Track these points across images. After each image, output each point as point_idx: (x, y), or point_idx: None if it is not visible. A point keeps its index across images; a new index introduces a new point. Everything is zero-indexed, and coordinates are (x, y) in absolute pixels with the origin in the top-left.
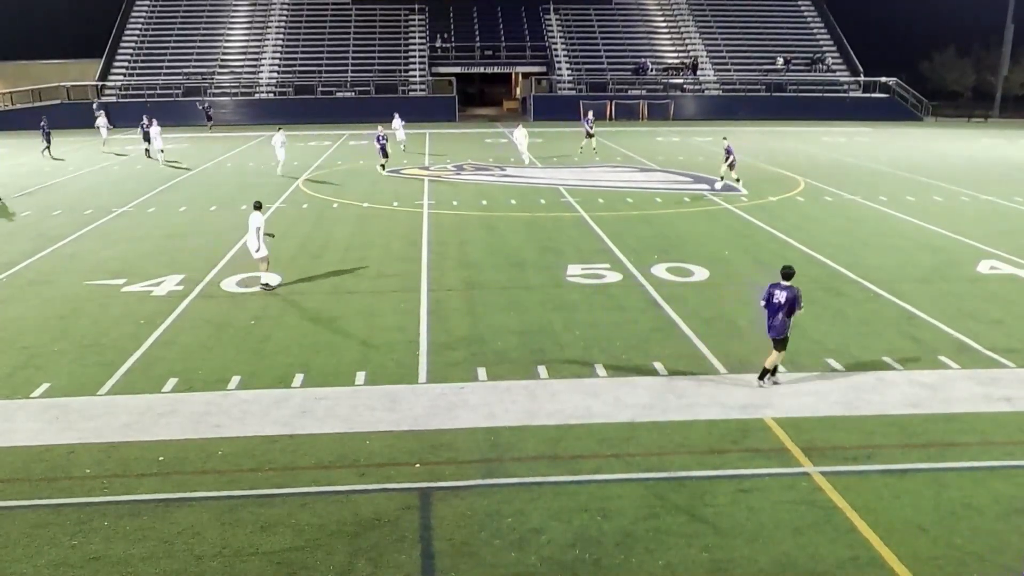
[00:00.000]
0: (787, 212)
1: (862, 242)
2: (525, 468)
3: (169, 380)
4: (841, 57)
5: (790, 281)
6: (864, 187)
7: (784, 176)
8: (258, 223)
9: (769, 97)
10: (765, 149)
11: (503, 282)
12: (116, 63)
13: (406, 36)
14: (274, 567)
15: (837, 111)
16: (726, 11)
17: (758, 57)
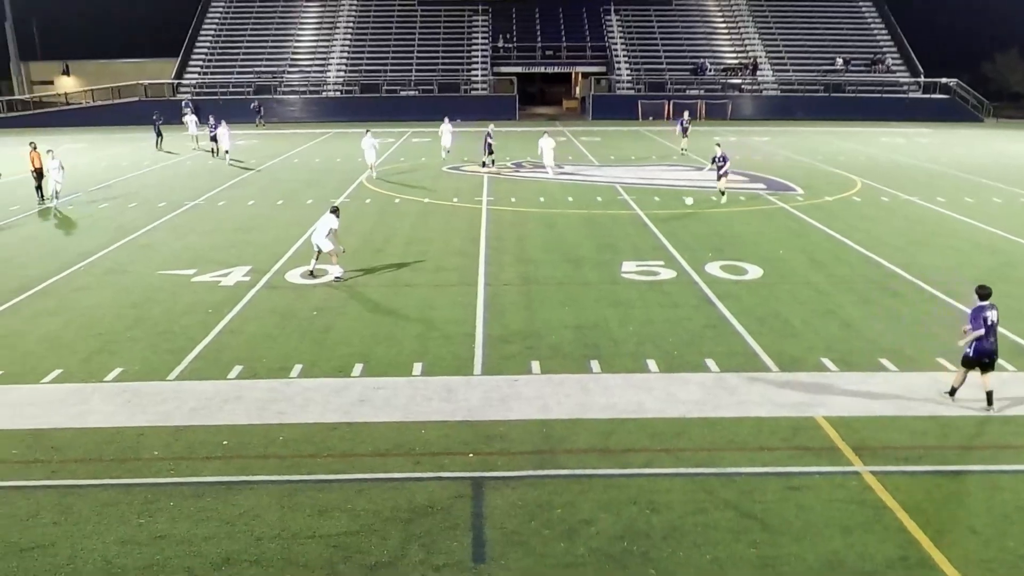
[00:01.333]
0: (843, 212)
1: (919, 243)
2: (576, 460)
3: (235, 367)
4: (901, 58)
5: None
6: (922, 188)
7: (841, 176)
8: (333, 225)
9: (827, 97)
10: (822, 149)
11: (559, 278)
12: (191, 62)
13: (469, 36)
14: (330, 550)
15: (896, 112)
16: (786, 12)
17: (817, 57)
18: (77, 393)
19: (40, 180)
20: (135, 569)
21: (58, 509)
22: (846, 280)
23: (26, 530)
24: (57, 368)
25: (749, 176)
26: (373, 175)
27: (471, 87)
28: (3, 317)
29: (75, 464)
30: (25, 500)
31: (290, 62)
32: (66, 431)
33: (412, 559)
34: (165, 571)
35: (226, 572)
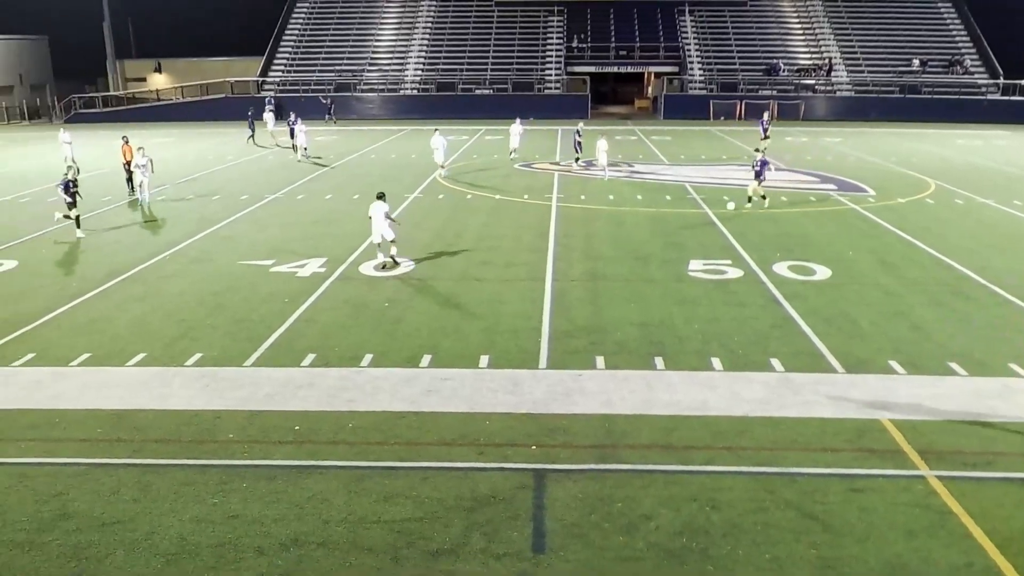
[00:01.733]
0: (916, 214)
1: (993, 246)
2: (638, 455)
3: (308, 355)
4: (980, 59)
5: None
6: (999, 191)
7: (914, 178)
8: (384, 209)
9: (903, 99)
10: (896, 151)
11: (626, 275)
12: (276, 61)
13: (544, 36)
14: (394, 535)
15: (974, 114)
16: (862, 12)
17: (893, 58)
18: (159, 376)
19: (131, 173)
20: (208, 546)
21: (138, 487)
22: (917, 282)
23: (108, 505)
24: (142, 352)
25: (820, 176)
26: (443, 173)
27: (544, 86)
28: (94, 302)
29: (155, 444)
30: (108, 477)
31: (369, 61)
32: (148, 412)
33: (473, 547)
34: (236, 550)
35: (294, 553)
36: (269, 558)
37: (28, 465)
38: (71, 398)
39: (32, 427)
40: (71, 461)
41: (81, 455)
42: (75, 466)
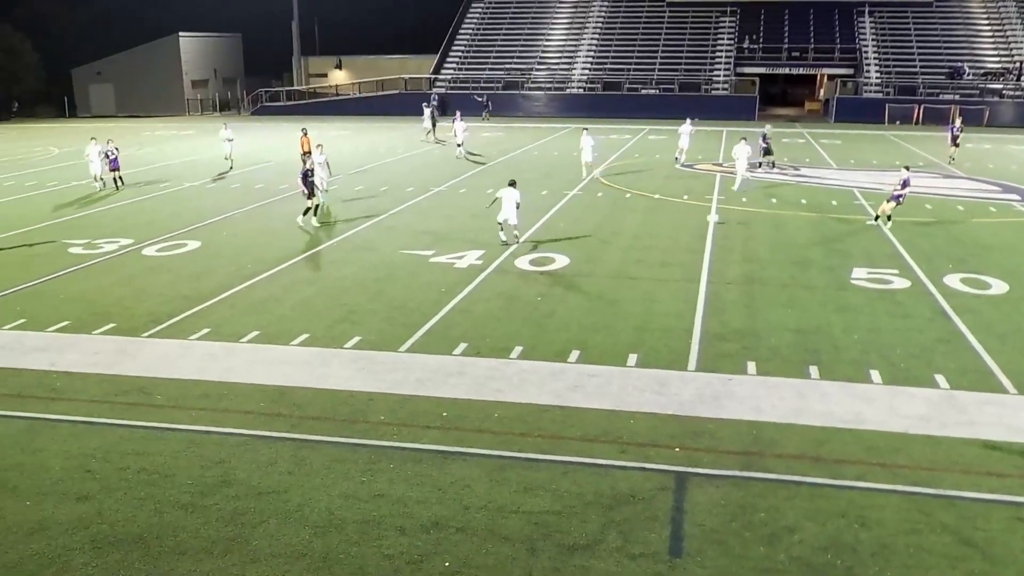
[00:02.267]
0: None
1: None
2: (784, 465)
3: (460, 344)
4: None
5: None
6: None
7: None
8: (515, 196)
9: None
10: None
11: (784, 279)
12: (448, 59)
13: (715, 37)
14: (532, 527)
15: None
16: None
17: None
18: (320, 356)
19: None
20: (353, 522)
21: (293, 460)
22: None
23: (264, 476)
24: (305, 332)
25: (1002, 186)
26: (596, 173)
27: (712, 87)
28: (265, 283)
29: (312, 421)
30: (267, 449)
31: (538, 59)
32: (307, 390)
33: (609, 545)
34: (379, 527)
35: (434, 535)
36: (410, 538)
37: (197, 432)
38: (239, 372)
39: (203, 397)
40: (235, 431)
41: (244, 426)
42: (238, 436)
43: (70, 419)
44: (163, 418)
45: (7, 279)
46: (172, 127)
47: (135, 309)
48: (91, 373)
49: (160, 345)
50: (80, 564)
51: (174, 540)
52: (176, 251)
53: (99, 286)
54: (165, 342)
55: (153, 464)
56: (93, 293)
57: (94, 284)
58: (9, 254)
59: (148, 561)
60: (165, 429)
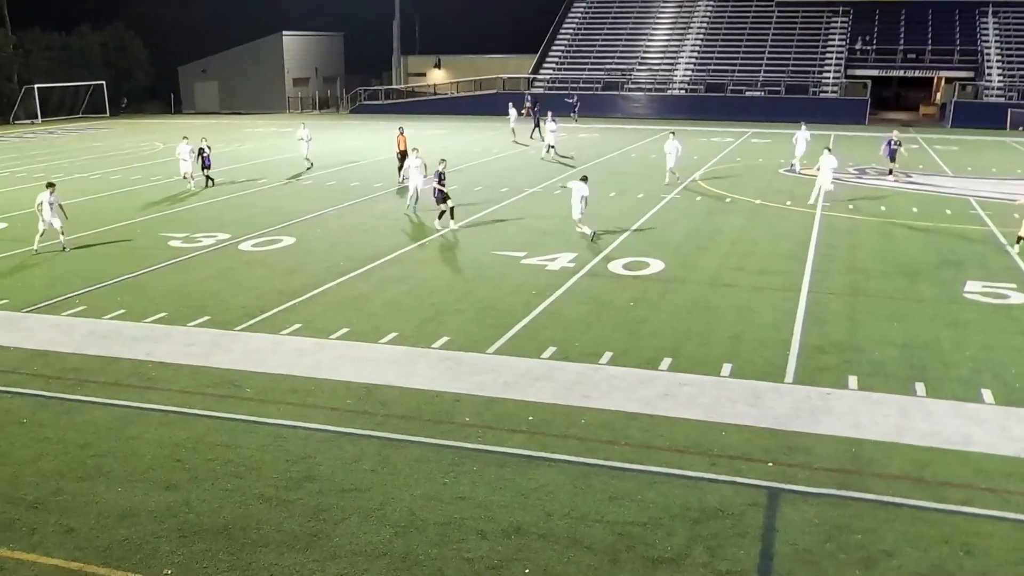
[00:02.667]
0: None
1: None
2: (885, 486)
3: (549, 348)
4: None
5: None
6: None
7: None
8: (584, 192)
9: None
10: None
11: (890, 291)
12: (548, 58)
13: (825, 38)
14: (615, 537)
15: None
16: None
17: None
18: (408, 355)
19: (403, 162)
20: (435, 524)
21: (377, 458)
22: None
23: (348, 473)
24: (394, 331)
25: None
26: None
27: (820, 89)
28: (356, 281)
29: (397, 420)
30: (352, 446)
31: (640, 60)
32: (394, 389)
33: (695, 560)
34: (460, 530)
35: (515, 541)
36: (490, 543)
37: (284, 427)
38: (327, 368)
39: (291, 392)
40: (321, 427)
41: (330, 423)
42: (324, 432)
43: (162, 408)
44: (251, 411)
45: (110, 270)
46: (272, 125)
47: (229, 302)
48: (184, 364)
49: (252, 339)
50: (166, 552)
51: (257, 533)
52: (271, 247)
53: (196, 279)
54: (257, 336)
55: (240, 456)
56: (190, 286)
57: (191, 277)
58: (113, 246)
59: (232, 552)
60: (253, 422)
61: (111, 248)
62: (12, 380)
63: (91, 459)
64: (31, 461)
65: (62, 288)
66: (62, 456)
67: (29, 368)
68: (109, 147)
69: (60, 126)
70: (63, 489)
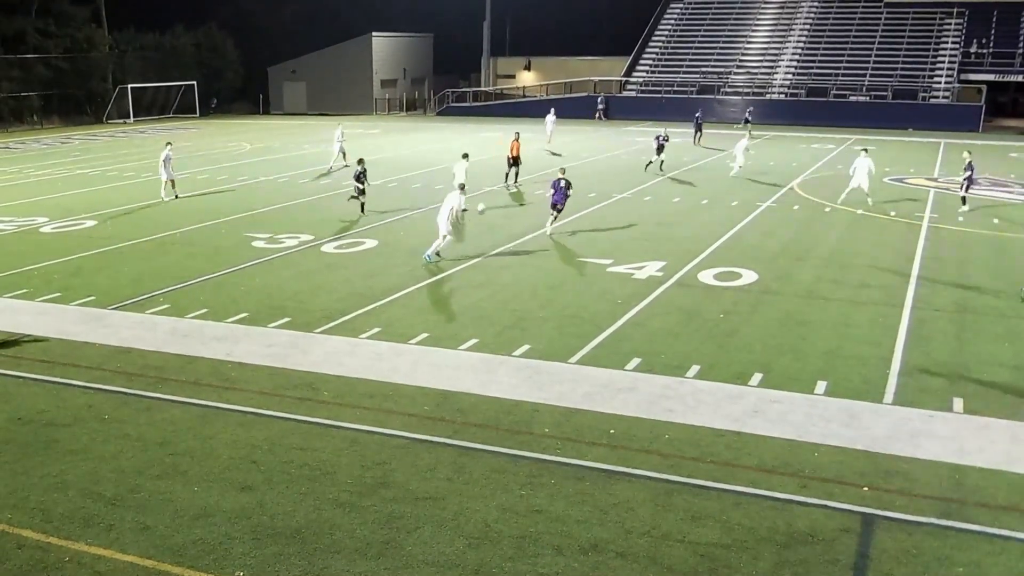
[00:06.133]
0: None
1: None
2: (990, 516)
3: (633, 359)
4: None
5: None
6: None
7: None
8: None
9: None
10: None
11: (1003, 309)
12: (642, 60)
13: (937, 40)
14: (697, 558)
15: None
16: None
17: None
18: (487, 362)
19: (511, 167)
20: (509, 537)
21: (453, 467)
22: None
23: (424, 481)
24: (474, 337)
25: None
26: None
27: (931, 94)
28: (437, 285)
29: (474, 428)
30: (427, 453)
31: (738, 63)
32: (471, 396)
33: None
34: (536, 545)
35: (592, 558)
36: (567, 559)
37: (360, 431)
38: (405, 374)
39: (368, 396)
40: (397, 433)
41: (406, 429)
42: (400, 438)
43: (240, 409)
44: (328, 415)
45: (195, 269)
46: (359, 126)
47: (309, 304)
48: (263, 365)
49: (331, 341)
50: (239, 554)
51: (330, 538)
52: (353, 248)
53: (278, 280)
54: (335, 339)
55: (315, 460)
56: (271, 287)
57: (273, 278)
58: (198, 246)
59: (304, 556)
60: (329, 426)
61: (197, 248)
62: (95, 376)
63: (169, 457)
64: (111, 457)
65: (147, 286)
66: (141, 453)
67: (112, 365)
68: (197, 147)
69: (151, 126)
70: (141, 486)
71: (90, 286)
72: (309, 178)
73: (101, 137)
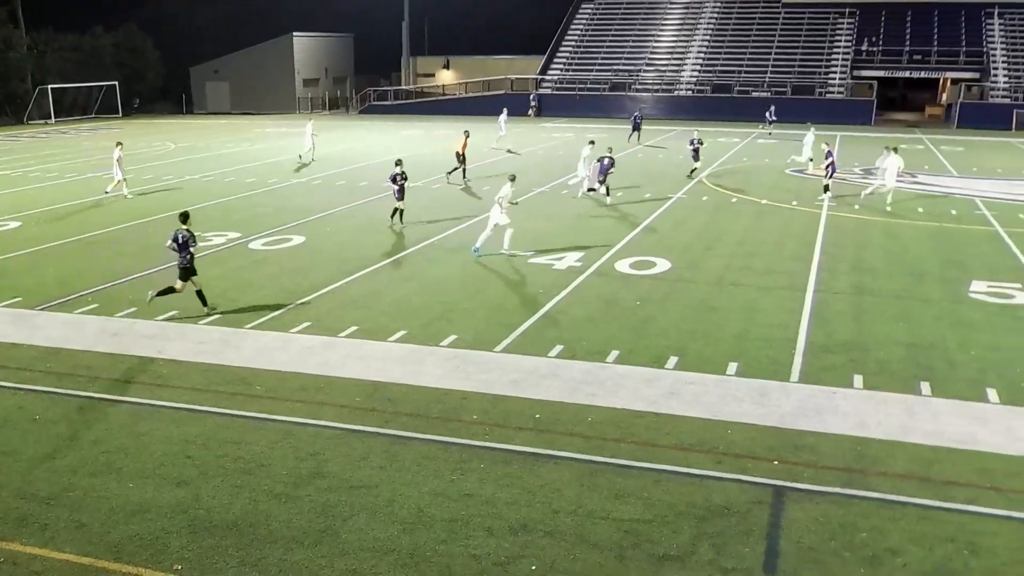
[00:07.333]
0: None
1: None
2: (890, 484)
3: (556, 346)
4: None
5: None
6: None
7: None
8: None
9: None
10: None
11: (896, 291)
12: (556, 59)
13: (831, 39)
14: (621, 534)
15: None
16: None
17: None
18: (415, 354)
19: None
20: (442, 521)
21: (386, 455)
22: None
23: (357, 470)
24: (402, 329)
25: None
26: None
27: (827, 90)
28: (366, 280)
29: (405, 417)
30: (360, 443)
31: (647, 61)
32: (401, 386)
33: (701, 557)
34: (467, 527)
35: (521, 538)
36: (497, 539)
37: (293, 424)
38: (336, 366)
39: (301, 389)
40: (330, 424)
41: (339, 420)
42: (333, 429)
43: (173, 406)
44: (261, 408)
45: (123, 268)
46: (283, 125)
47: (240, 301)
48: (195, 362)
49: (262, 337)
50: (176, 548)
51: (267, 529)
52: (281, 245)
53: (207, 278)
54: (266, 334)
55: (250, 453)
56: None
57: (202, 276)
58: (126, 245)
59: (241, 548)
60: (263, 419)
61: (125, 247)
62: (25, 377)
63: (103, 455)
64: (44, 458)
65: (75, 286)
66: (74, 452)
67: (41, 365)
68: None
69: (73, 126)
70: (75, 485)
71: (16, 287)
72: (235, 176)
73: (22, 138)
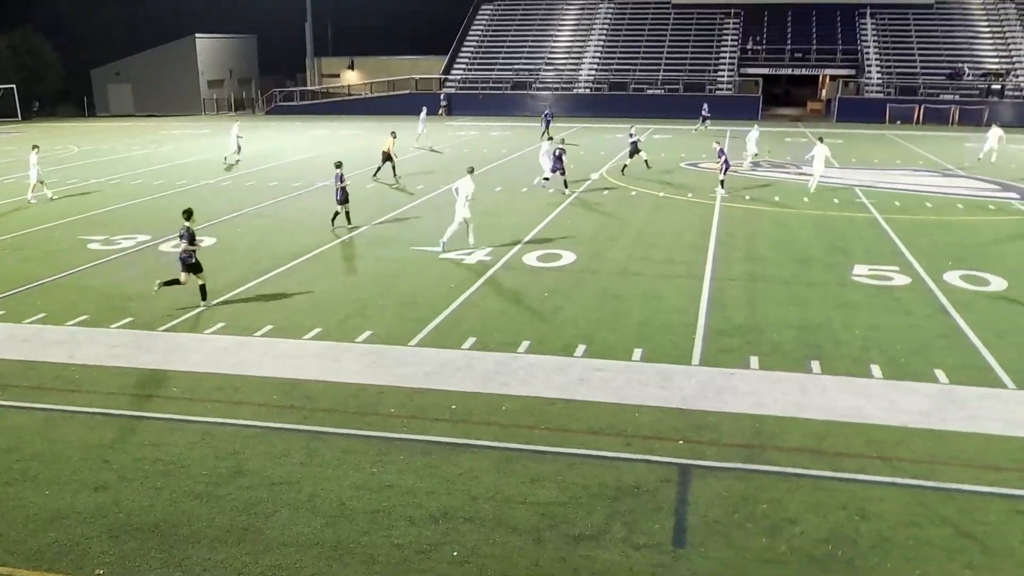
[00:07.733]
0: None
1: None
2: (786, 458)
3: (469, 339)
4: None
5: None
6: None
7: None
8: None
9: None
10: None
11: (786, 276)
12: (458, 59)
13: (719, 38)
14: (538, 517)
15: None
16: None
17: None
18: (331, 350)
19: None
20: (364, 512)
21: (305, 451)
22: None
23: (277, 467)
24: (317, 327)
25: (1001, 185)
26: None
27: (716, 87)
28: (279, 279)
29: (323, 413)
30: (279, 440)
31: (546, 61)
32: (319, 383)
33: (614, 535)
34: (389, 517)
35: (443, 525)
36: (419, 528)
37: (211, 424)
38: (252, 365)
39: (217, 389)
40: (248, 423)
41: (257, 418)
42: (251, 428)
43: (87, 411)
44: (178, 410)
45: (28, 274)
46: (189, 126)
47: (152, 303)
48: (108, 366)
49: (176, 338)
50: (97, 553)
51: (189, 529)
52: None
53: (117, 281)
54: (180, 335)
55: (169, 454)
56: (111, 288)
57: (112, 279)
58: (31, 250)
59: (163, 549)
60: (180, 420)
61: (30, 252)
62: None
63: (16, 464)
64: None
65: None
66: None
67: None
68: (23, 151)
69: None
70: None
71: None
72: (144, 180)
73: None
